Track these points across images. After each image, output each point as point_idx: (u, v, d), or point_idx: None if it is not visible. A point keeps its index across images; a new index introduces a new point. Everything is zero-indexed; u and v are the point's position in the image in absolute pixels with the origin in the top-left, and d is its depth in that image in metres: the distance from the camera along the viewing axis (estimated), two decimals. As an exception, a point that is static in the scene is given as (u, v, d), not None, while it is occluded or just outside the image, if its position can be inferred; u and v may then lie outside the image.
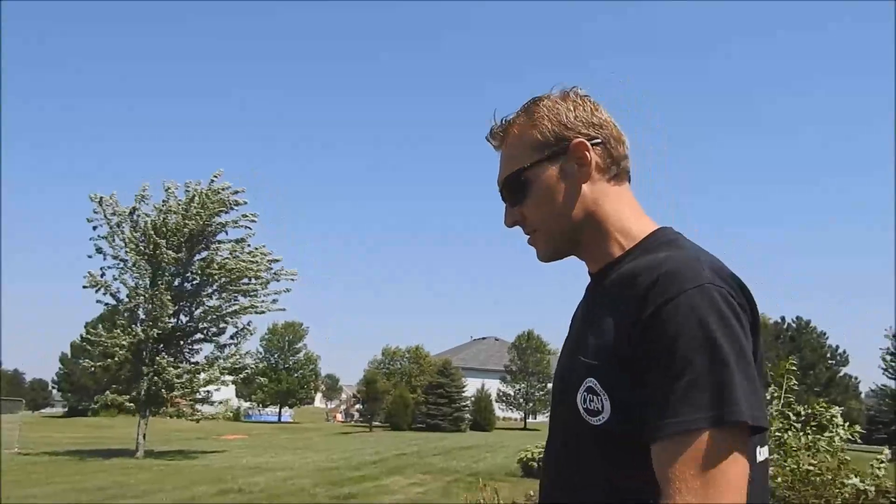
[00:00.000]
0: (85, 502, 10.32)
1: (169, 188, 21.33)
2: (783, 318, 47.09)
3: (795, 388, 6.61)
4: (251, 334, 22.78)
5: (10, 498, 10.83)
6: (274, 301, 22.40)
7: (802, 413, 6.20)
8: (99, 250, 21.01)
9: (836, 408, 6.16)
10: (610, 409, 1.00)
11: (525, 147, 1.19)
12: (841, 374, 46.12)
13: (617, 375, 1.00)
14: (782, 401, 6.44)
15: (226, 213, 21.66)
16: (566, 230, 1.18)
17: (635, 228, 1.17)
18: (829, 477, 5.47)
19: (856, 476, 5.68)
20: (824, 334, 46.43)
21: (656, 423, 0.93)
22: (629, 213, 1.18)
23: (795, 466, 5.68)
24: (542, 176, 1.17)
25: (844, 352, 46.68)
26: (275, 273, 22.43)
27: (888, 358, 39.79)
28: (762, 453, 1.07)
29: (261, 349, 59.67)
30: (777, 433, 6.03)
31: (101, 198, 20.75)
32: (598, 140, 1.17)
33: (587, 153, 1.16)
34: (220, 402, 26.12)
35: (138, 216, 21.02)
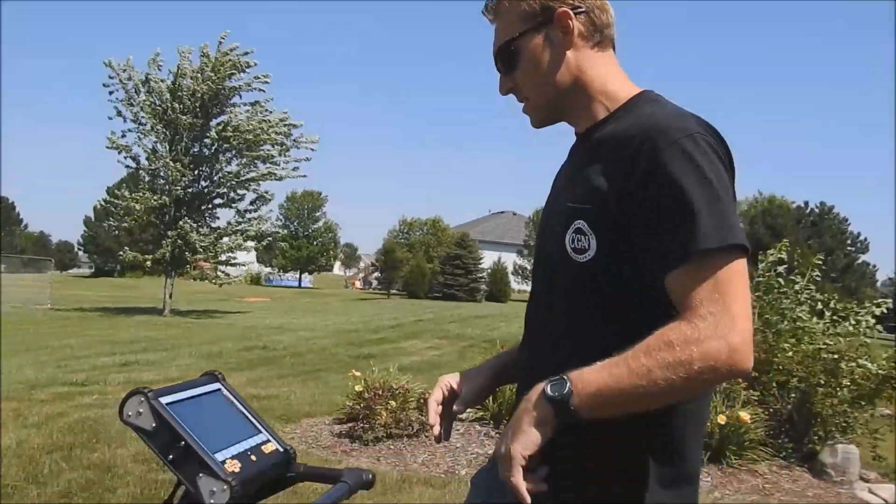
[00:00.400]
0: (118, 353, 10.80)
1: (183, 52, 20.87)
2: (806, 203, 46.64)
3: (818, 279, 6.62)
4: (269, 200, 22.93)
5: (47, 348, 11.36)
6: (295, 169, 22.37)
7: (821, 300, 6.24)
8: (119, 113, 20.93)
9: (874, 307, 6.13)
10: (595, 248, 1.14)
11: (514, 18, 1.27)
12: (859, 261, 46.11)
13: (605, 218, 1.13)
14: (804, 290, 6.47)
15: (238, 74, 21.27)
16: (552, 97, 1.28)
17: (619, 91, 1.27)
18: (837, 357, 5.54)
19: (867, 359, 5.77)
20: (846, 220, 46.08)
21: (667, 254, 1.07)
22: (613, 78, 1.29)
23: (810, 346, 5.77)
24: (530, 45, 1.26)
25: (865, 239, 46.51)
26: (294, 140, 22.23)
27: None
28: None
29: (280, 217, 60.39)
30: (799, 316, 6.08)
31: (111, 62, 20.45)
32: (582, 9, 1.25)
33: (570, 21, 1.24)
34: (243, 265, 26.64)
35: (152, 82, 20.74)
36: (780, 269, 6.41)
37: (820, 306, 6.23)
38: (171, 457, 1.10)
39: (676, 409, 1.15)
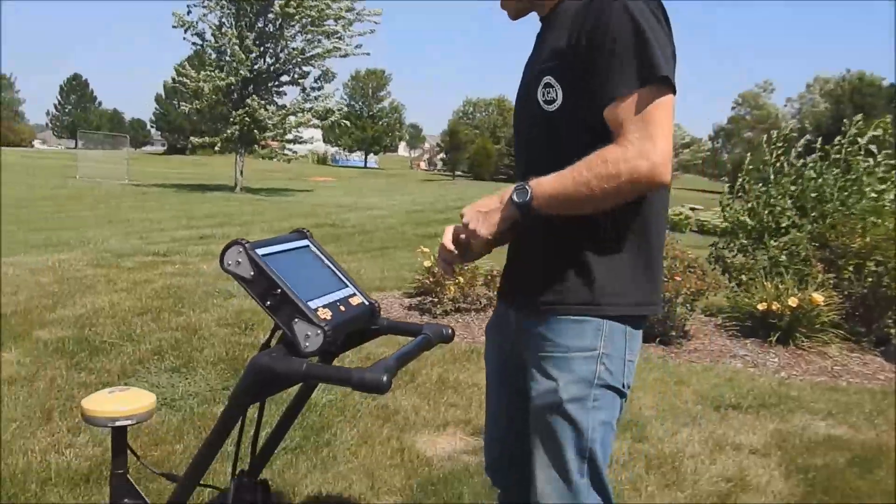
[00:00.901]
0: (195, 227, 11.26)
1: None
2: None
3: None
4: (334, 77, 22.77)
5: (130, 220, 11.92)
6: (358, 46, 21.97)
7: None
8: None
9: None
10: (562, 97, 1.37)
11: None
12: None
13: (566, 70, 1.36)
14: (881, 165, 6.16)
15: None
16: None
17: None
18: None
19: None
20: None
21: (606, 91, 1.29)
22: None
23: (886, 225, 5.58)
24: None
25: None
26: (357, 13, 21.71)
27: None
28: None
29: (345, 96, 60.09)
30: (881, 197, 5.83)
31: None
32: None
33: None
34: (310, 140, 26.90)
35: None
36: (872, 146, 6.12)
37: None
38: (268, 303, 1.15)
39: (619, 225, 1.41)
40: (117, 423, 1.42)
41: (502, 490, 1.74)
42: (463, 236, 1.42)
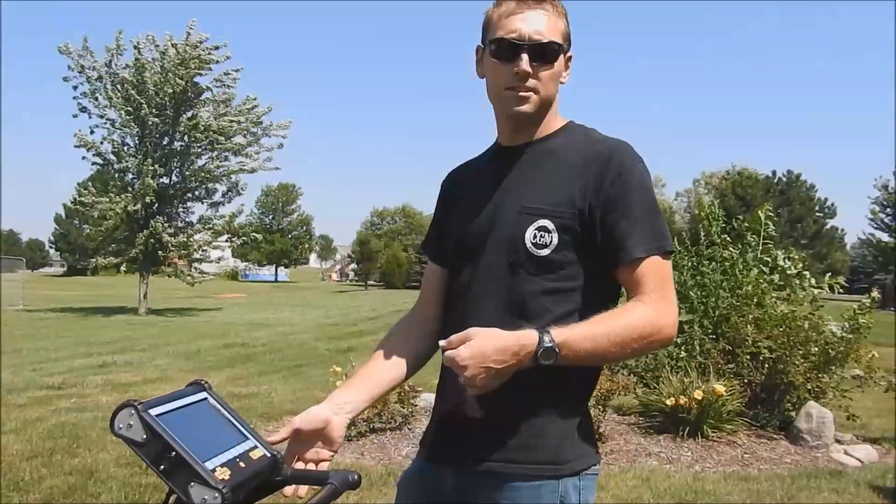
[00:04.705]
0: (95, 354, 10.69)
1: (138, 44, 20.09)
2: (774, 172, 47.31)
3: (773, 234, 6.76)
4: (242, 192, 22.70)
5: (22, 351, 11.20)
6: (268, 160, 22.13)
7: (780, 258, 6.40)
8: (83, 109, 20.48)
9: (798, 262, 6.38)
10: (557, 243, 1.36)
11: (561, 30, 1.44)
12: (828, 226, 46.94)
13: (571, 219, 1.36)
14: (760, 248, 6.60)
15: (207, 71, 20.80)
16: (546, 106, 1.46)
17: (556, 117, 1.50)
18: (804, 324, 5.68)
19: (833, 322, 5.93)
20: (814, 187, 46.84)
21: (618, 252, 1.35)
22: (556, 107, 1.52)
23: (771, 311, 5.91)
24: (561, 60, 1.45)
25: (833, 204, 47.32)
26: (265, 128, 21.97)
27: (876, 209, 40.12)
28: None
29: (255, 210, 59.89)
30: (754, 280, 6.22)
31: (69, 47, 19.71)
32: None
33: (570, 62, 1.50)
34: (217, 261, 26.42)
35: (116, 72, 20.15)
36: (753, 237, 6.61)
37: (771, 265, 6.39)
38: (162, 467, 1.12)
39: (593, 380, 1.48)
40: None
41: None
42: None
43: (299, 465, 1.42)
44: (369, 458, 4.93)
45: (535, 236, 1.37)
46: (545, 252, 1.37)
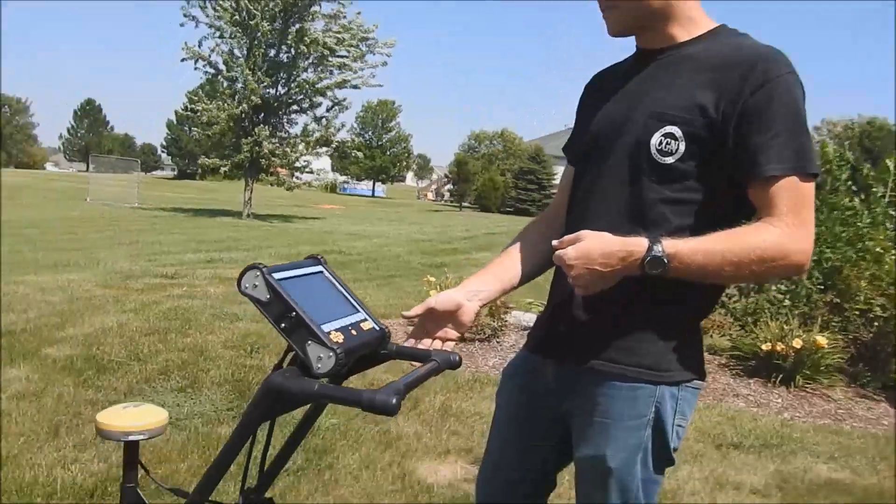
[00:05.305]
0: (204, 251, 11.34)
1: None
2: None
3: None
4: (346, 109, 23.02)
5: (138, 243, 12.02)
6: (372, 76, 22.27)
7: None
8: (191, 17, 20.94)
9: None
10: (683, 152, 1.29)
11: None
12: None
13: (702, 127, 1.27)
14: (887, 201, 6.22)
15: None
16: (640, 15, 1.37)
17: (700, 20, 1.40)
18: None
19: None
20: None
21: (752, 167, 1.25)
22: (696, 6, 1.40)
23: (890, 269, 5.61)
24: None
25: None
26: (370, 45, 22.01)
27: None
28: None
29: (356, 125, 60.71)
30: (878, 235, 5.88)
31: None
32: None
33: None
34: (317, 172, 27.11)
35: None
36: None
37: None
38: (283, 325, 1.20)
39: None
40: (130, 438, 1.46)
41: None
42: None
43: (427, 342, 1.50)
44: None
45: (660, 143, 1.31)
46: (670, 160, 1.30)
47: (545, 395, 1.49)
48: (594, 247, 1.23)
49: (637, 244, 1.23)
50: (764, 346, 5.24)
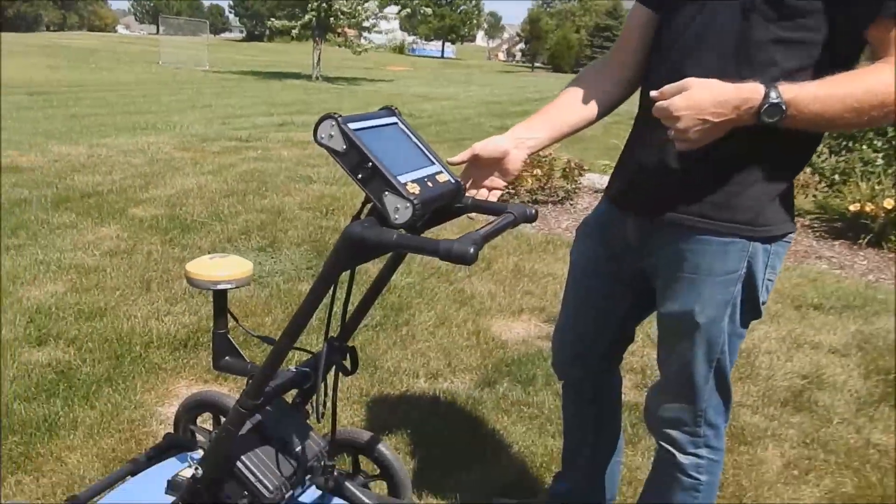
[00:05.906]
0: (275, 114, 11.41)
1: None
2: None
3: None
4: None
5: (211, 106, 12.17)
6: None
7: None
8: None
9: None
10: None
11: None
12: None
13: None
14: None
15: None
16: None
17: None
18: None
19: None
20: None
21: (871, 5, 1.11)
22: None
23: None
24: None
25: None
26: None
27: None
28: None
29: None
30: None
31: None
32: None
33: None
34: (386, 33, 26.44)
35: None
36: None
37: None
38: (360, 176, 1.18)
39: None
40: (219, 287, 1.51)
41: (568, 383, 1.76)
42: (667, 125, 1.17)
43: (472, 191, 1.45)
44: (530, 227, 5.05)
45: None
46: None
47: (624, 250, 1.46)
48: (705, 95, 1.11)
49: (752, 90, 1.11)
50: (852, 207, 5.01)
